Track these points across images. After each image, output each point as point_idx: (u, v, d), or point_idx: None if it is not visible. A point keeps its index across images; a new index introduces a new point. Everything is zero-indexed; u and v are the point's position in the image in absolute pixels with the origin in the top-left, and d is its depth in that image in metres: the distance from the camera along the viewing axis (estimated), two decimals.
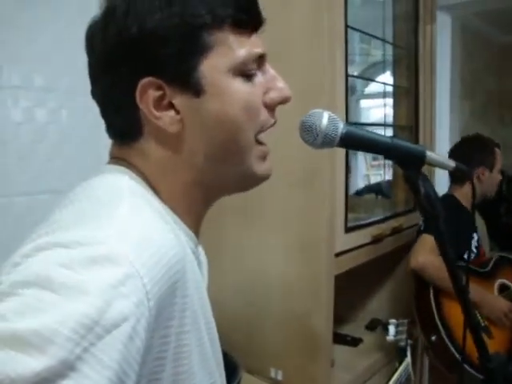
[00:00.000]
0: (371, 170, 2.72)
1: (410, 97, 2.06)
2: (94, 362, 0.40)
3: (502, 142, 3.32)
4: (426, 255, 1.72)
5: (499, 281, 2.05)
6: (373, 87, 2.39)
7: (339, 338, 1.95)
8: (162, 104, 0.59)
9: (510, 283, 2.05)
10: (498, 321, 1.90)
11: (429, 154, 0.72)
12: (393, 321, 1.71)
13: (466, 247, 2.04)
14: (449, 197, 2.14)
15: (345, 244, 1.55)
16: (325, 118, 0.67)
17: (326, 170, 1.43)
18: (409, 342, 1.30)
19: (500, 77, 3.26)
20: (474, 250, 2.09)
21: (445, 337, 1.75)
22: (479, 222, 2.33)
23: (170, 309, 0.51)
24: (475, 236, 2.12)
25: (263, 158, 0.65)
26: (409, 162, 0.72)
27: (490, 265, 2.08)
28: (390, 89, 2.07)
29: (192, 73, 0.58)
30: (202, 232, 0.67)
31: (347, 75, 1.48)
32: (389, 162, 2.18)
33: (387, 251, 1.88)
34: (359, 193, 2.48)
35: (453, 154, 2.25)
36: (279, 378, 1.57)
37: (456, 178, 2.18)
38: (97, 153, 0.70)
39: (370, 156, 2.56)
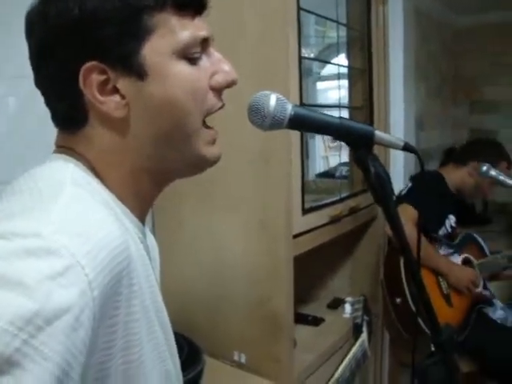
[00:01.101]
0: (329, 152, 2.74)
1: (364, 78, 2.07)
2: (35, 355, 0.39)
3: (453, 121, 3.40)
4: (411, 228, 1.74)
5: (463, 255, 2.15)
6: (329, 69, 2.39)
7: (301, 318, 1.97)
8: (107, 88, 0.57)
9: (472, 258, 2.15)
10: (464, 289, 1.99)
11: (377, 133, 0.73)
12: (349, 299, 1.75)
13: (439, 223, 2.12)
14: (436, 173, 2.23)
15: (303, 225, 1.56)
16: (272, 100, 0.67)
17: (282, 150, 1.42)
18: (365, 318, 1.34)
19: (453, 59, 3.33)
20: (449, 229, 2.18)
21: (409, 299, 1.88)
22: None
23: (115, 298, 0.50)
24: (452, 217, 2.20)
25: (212, 142, 0.64)
26: (358, 141, 0.73)
27: (457, 240, 2.19)
28: (345, 70, 2.09)
29: (134, 56, 0.57)
30: (159, 215, 0.67)
31: (301, 57, 1.47)
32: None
33: (346, 231, 1.91)
34: (320, 175, 2.50)
35: (468, 144, 2.37)
36: (242, 360, 1.58)
37: (450, 158, 2.28)
38: (47, 142, 0.68)
39: (327, 137, 2.57)
